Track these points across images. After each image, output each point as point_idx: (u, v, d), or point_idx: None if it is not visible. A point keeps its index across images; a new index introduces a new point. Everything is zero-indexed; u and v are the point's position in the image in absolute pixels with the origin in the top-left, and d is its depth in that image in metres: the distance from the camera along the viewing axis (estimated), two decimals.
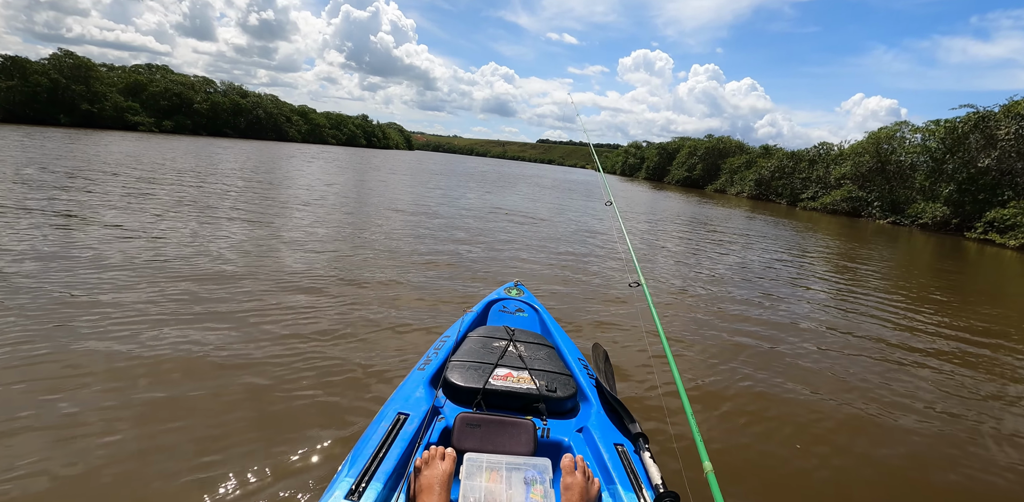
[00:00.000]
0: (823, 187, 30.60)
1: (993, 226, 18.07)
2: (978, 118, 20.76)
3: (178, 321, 3.43)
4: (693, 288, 6.29)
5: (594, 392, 1.96)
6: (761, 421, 3.02)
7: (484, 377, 1.85)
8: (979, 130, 20.70)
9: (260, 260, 5.26)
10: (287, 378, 2.82)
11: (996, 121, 20.19)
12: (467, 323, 2.47)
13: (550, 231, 9.98)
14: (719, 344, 4.30)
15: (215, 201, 8.75)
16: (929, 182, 22.91)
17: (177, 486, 1.93)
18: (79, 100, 40.45)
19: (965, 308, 6.77)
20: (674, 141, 60.24)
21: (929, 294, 7.57)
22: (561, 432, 1.71)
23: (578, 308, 4.85)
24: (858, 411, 3.28)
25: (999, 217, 17.90)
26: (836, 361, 4.20)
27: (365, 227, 8.04)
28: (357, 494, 1.28)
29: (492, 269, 6.05)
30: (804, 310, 5.77)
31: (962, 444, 2.98)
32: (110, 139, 24.69)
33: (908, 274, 9.61)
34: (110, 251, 4.89)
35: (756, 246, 11.20)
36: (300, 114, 69.93)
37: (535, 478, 1.40)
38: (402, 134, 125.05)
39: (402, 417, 1.62)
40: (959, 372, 4.20)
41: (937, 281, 9.17)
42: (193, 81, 54.39)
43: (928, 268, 11.10)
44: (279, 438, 2.26)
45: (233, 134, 54.03)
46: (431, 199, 13.47)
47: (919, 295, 7.38)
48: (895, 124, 27.31)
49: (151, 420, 2.32)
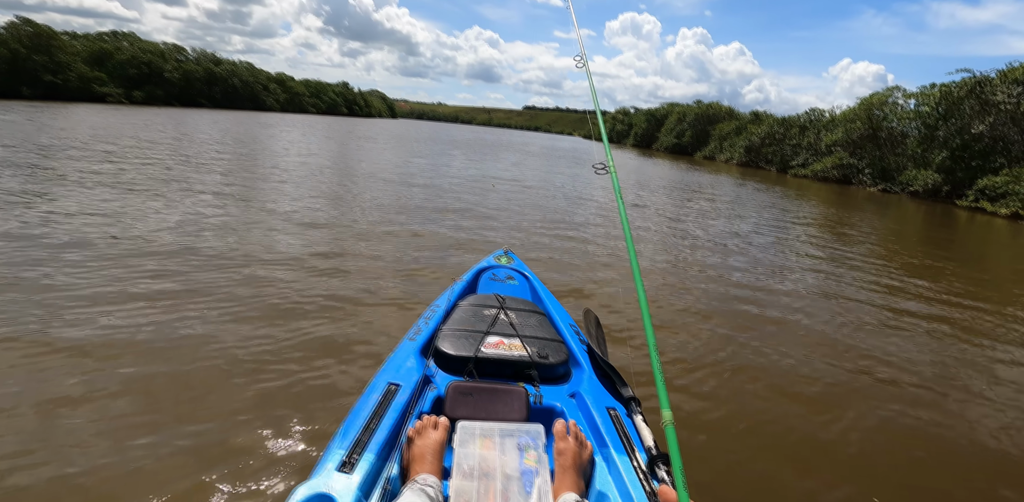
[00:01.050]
0: (813, 154, 30.27)
1: (984, 194, 17.96)
2: (974, 83, 20.35)
3: (161, 298, 3.36)
4: (682, 255, 6.34)
5: (586, 357, 1.95)
6: (740, 380, 3.13)
7: (475, 345, 1.84)
8: (975, 95, 20.33)
9: (243, 236, 5.15)
10: (275, 352, 2.79)
11: (993, 86, 19.79)
12: (457, 292, 2.44)
13: (538, 198, 9.98)
14: (706, 308, 4.41)
15: (189, 175, 8.40)
16: (921, 149, 22.66)
17: (168, 462, 1.92)
18: (42, 71, 38.38)
19: (957, 272, 6.91)
20: (662, 107, 59.20)
21: (918, 260, 7.63)
22: (553, 398, 1.71)
23: (569, 275, 4.88)
24: (840, 370, 3.39)
25: (991, 185, 17.77)
26: (821, 322, 4.31)
27: (350, 200, 7.86)
28: (349, 465, 1.25)
29: (481, 237, 6.03)
30: (792, 275, 5.88)
31: (942, 402, 3.10)
32: (74, 112, 23.50)
33: (898, 241, 9.63)
34: (75, 231, 4.69)
35: (747, 213, 11.21)
36: (278, 82, 67.50)
37: (528, 444, 1.41)
38: (385, 102, 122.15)
39: (393, 387, 1.61)
40: (944, 332, 4.40)
41: (927, 247, 9.24)
42: (163, 49, 51.89)
43: (918, 235, 11.15)
44: (269, 412, 2.24)
45: (208, 104, 52.05)
46: (416, 169, 13.00)
47: (908, 261, 7.43)
48: (887, 89, 26.77)
49: (136, 398, 2.29)
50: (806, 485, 2.22)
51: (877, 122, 26.45)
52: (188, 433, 2.08)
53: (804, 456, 2.42)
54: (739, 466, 2.29)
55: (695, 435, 2.45)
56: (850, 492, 2.19)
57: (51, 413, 2.13)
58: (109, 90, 42.53)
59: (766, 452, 2.41)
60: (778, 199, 15.44)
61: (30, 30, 39.09)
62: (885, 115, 26.29)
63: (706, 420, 2.61)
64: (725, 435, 2.51)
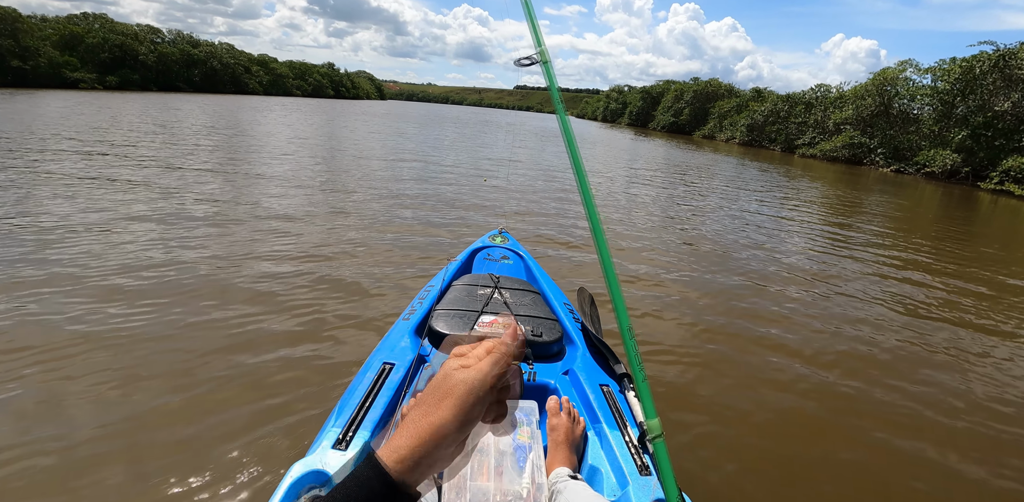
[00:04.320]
0: (821, 133, 29.11)
1: (1009, 175, 16.95)
2: (998, 57, 19.13)
3: (154, 286, 3.31)
4: (673, 241, 5.99)
5: (579, 335, 1.94)
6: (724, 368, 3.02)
7: (469, 324, 1.82)
8: (998, 70, 19.14)
9: (237, 214, 5.17)
10: (271, 333, 2.80)
11: (1019, 60, 18.60)
12: (451, 272, 2.43)
13: (531, 180, 10.03)
14: (701, 290, 4.31)
15: (174, 161, 8.01)
16: (938, 127, 21.55)
17: (165, 443, 1.91)
18: (8, 56, 36.41)
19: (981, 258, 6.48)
20: (658, 84, 57.56)
21: (942, 243, 7.21)
22: (547, 375, 1.71)
23: (562, 254, 4.83)
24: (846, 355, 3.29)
25: (1017, 166, 16.76)
26: (824, 307, 4.13)
27: (342, 184, 7.69)
28: (344, 443, 1.24)
29: (475, 218, 6.02)
30: (798, 260, 5.63)
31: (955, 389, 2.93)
32: (41, 99, 21.90)
33: (917, 226, 9.02)
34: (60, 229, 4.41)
35: (754, 194, 10.71)
36: (260, 64, 65.21)
37: (522, 420, 1.41)
38: (373, 83, 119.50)
39: (388, 367, 1.61)
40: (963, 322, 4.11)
41: (950, 232, 8.65)
42: (137, 31, 49.52)
43: (942, 219, 10.32)
44: (265, 392, 2.24)
45: (187, 88, 50.04)
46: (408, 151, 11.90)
47: (930, 244, 7.05)
48: (899, 63, 25.48)
49: (136, 381, 2.27)
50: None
51: (889, 98, 25.26)
52: (179, 408, 2.09)
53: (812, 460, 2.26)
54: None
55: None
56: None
57: (45, 397, 2.12)
58: (81, 75, 40.54)
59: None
60: (783, 179, 14.43)
61: None
62: (897, 91, 25.08)
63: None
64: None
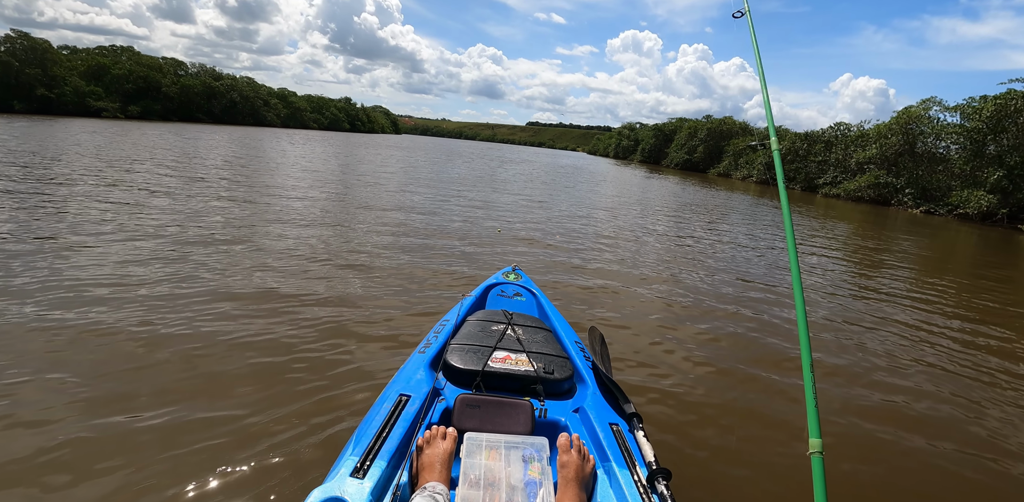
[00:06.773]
0: (842, 171, 28.48)
1: None
2: None
3: (177, 308, 3.30)
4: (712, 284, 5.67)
5: (590, 374, 1.93)
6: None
7: (483, 359, 1.82)
8: None
9: (255, 241, 5.31)
10: (289, 363, 2.76)
11: None
12: (466, 307, 2.42)
13: (546, 215, 9.85)
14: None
15: (189, 190, 7.50)
16: (970, 167, 20.83)
17: (181, 465, 1.90)
18: (35, 85, 37.23)
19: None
20: (671, 122, 57.76)
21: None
22: (558, 412, 1.71)
23: (574, 293, 4.77)
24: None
25: None
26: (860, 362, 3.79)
27: (358, 219, 7.48)
28: (362, 472, 1.26)
29: (489, 255, 5.95)
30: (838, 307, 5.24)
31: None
32: (66, 126, 21.88)
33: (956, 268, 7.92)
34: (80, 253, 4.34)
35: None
36: (279, 97, 66.65)
37: (533, 456, 1.42)
38: (388, 117, 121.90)
39: (404, 398, 1.61)
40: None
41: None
42: (161, 63, 50.90)
43: (983, 265, 9.21)
44: (282, 420, 2.23)
45: (207, 119, 50.89)
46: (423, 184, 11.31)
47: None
48: (922, 101, 25.02)
49: (150, 399, 2.29)
50: None
51: (914, 137, 24.69)
52: (196, 432, 2.08)
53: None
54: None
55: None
56: None
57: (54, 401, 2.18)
58: (104, 104, 41.31)
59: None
60: (812, 221, 13.58)
61: (24, 43, 38.00)
62: (921, 130, 24.53)
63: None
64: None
